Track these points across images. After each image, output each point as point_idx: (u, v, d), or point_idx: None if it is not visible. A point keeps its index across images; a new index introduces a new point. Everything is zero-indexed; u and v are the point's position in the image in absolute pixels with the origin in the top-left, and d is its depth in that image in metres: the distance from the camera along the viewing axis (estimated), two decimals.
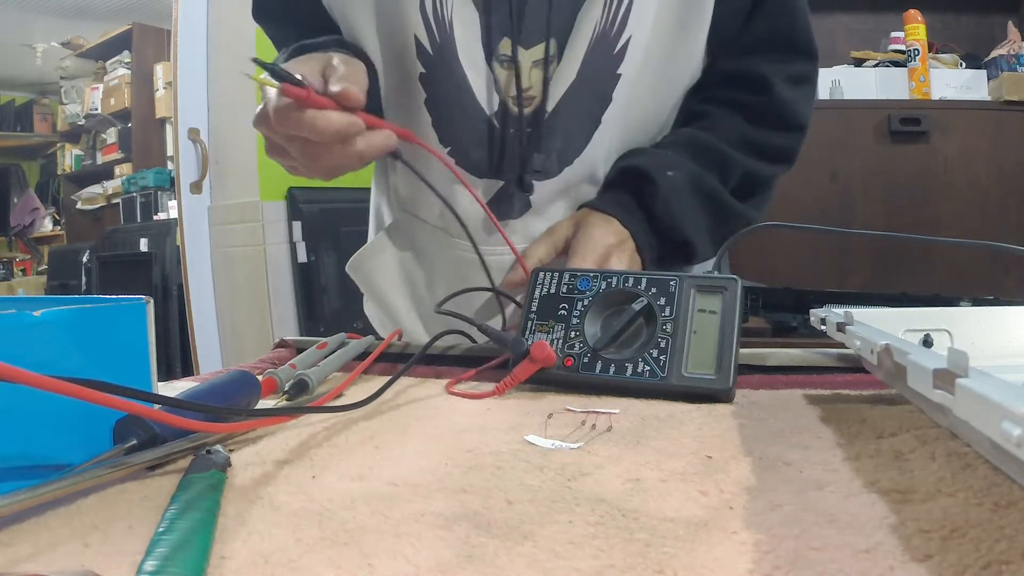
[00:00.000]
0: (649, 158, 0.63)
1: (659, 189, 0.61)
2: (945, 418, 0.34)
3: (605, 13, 0.59)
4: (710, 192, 0.63)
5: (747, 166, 0.65)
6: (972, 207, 1.91)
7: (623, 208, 0.62)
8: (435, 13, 0.59)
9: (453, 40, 0.60)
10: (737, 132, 0.65)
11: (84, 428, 0.32)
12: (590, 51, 0.60)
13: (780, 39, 0.66)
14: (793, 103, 0.66)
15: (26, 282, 4.50)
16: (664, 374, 0.45)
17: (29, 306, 0.31)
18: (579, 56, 0.60)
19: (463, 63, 0.61)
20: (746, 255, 1.76)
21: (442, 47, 0.60)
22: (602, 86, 0.62)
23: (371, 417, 0.42)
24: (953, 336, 0.44)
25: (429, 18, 0.59)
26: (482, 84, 0.62)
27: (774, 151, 0.67)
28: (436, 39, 0.60)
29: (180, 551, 0.23)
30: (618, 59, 0.61)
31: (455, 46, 0.60)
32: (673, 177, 0.61)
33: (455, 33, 0.60)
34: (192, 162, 2.41)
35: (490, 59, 0.61)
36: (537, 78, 0.61)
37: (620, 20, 0.59)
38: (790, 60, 0.66)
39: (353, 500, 0.28)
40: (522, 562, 0.22)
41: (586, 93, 0.62)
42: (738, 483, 0.29)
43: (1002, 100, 1.93)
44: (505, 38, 0.60)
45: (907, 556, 0.21)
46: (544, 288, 0.51)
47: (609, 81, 0.62)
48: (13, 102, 5.15)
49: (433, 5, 0.59)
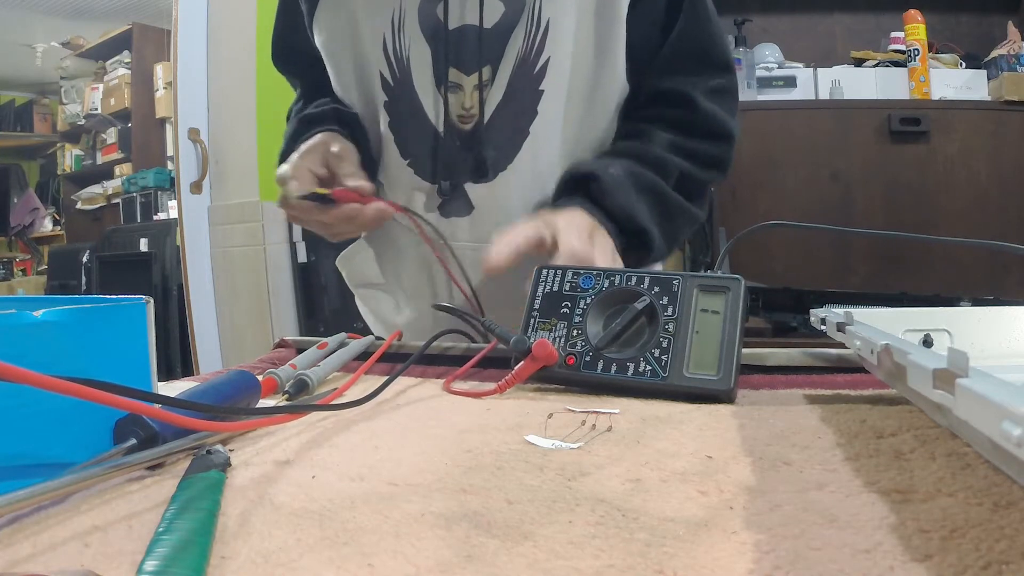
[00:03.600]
0: (589, 163, 0.71)
1: (603, 184, 0.66)
2: (945, 418, 0.34)
3: (526, 41, 0.69)
4: (652, 187, 0.69)
5: (682, 168, 0.71)
6: (972, 207, 1.91)
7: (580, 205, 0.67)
8: (395, 51, 0.72)
9: (410, 72, 0.71)
10: (669, 142, 0.72)
11: (84, 428, 0.32)
12: (514, 72, 0.70)
13: (697, 55, 0.73)
14: (716, 115, 0.73)
15: (26, 282, 4.50)
16: (666, 374, 0.45)
17: (29, 306, 0.31)
18: (506, 77, 0.70)
19: (417, 91, 0.72)
20: (746, 255, 1.77)
21: (401, 80, 0.72)
22: (528, 101, 0.71)
23: (371, 417, 0.42)
24: (953, 336, 0.44)
25: (390, 55, 0.72)
26: (431, 106, 0.72)
27: (706, 158, 0.74)
28: (396, 73, 0.72)
29: (180, 551, 0.23)
30: (539, 77, 0.70)
31: (411, 77, 0.72)
32: (615, 174, 0.67)
33: (411, 66, 0.71)
34: (192, 162, 2.41)
35: (439, 85, 0.71)
36: (476, 99, 0.71)
37: (538, 44, 0.69)
38: (709, 74, 0.74)
39: (353, 500, 0.28)
40: (522, 562, 0.22)
41: (514, 108, 0.71)
42: (738, 483, 0.29)
43: (1002, 100, 1.93)
44: (452, 68, 0.71)
45: (907, 556, 0.21)
46: (547, 286, 0.51)
47: (533, 96, 0.71)
48: (13, 102, 5.15)
49: (394, 44, 0.71)
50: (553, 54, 0.69)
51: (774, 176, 1.88)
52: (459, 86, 0.71)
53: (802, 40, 2.20)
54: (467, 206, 0.75)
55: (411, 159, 0.75)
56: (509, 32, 0.69)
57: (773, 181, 1.87)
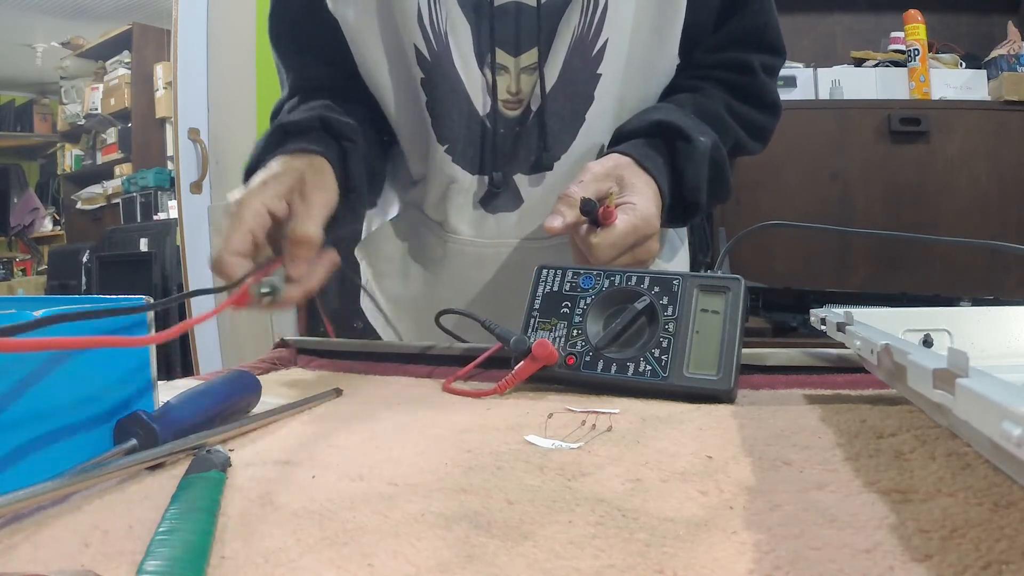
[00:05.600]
0: (682, 116, 0.65)
1: (694, 150, 0.62)
2: (945, 418, 0.34)
3: (582, 20, 0.64)
4: (721, 163, 0.66)
5: (737, 136, 0.69)
6: (972, 207, 1.91)
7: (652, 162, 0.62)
8: (432, 24, 0.64)
9: (449, 48, 0.65)
10: (727, 104, 0.70)
11: (84, 428, 0.32)
12: (569, 54, 0.65)
13: (756, 37, 0.71)
14: (769, 85, 0.72)
15: (26, 282, 4.49)
16: (666, 374, 0.45)
17: (29, 306, 0.31)
18: (560, 59, 0.65)
19: (459, 68, 0.65)
20: (746, 255, 1.77)
21: (439, 55, 0.65)
22: (583, 86, 0.66)
23: (371, 417, 0.42)
24: (953, 336, 0.44)
25: (427, 28, 0.64)
26: (476, 88, 0.66)
27: (755, 128, 0.72)
28: (433, 47, 0.65)
29: (180, 551, 0.23)
30: (597, 60, 0.65)
31: (451, 54, 0.65)
32: (704, 143, 0.63)
33: (450, 42, 0.65)
34: (192, 162, 2.41)
35: (482, 66, 0.66)
36: (526, 82, 0.66)
37: (596, 25, 0.64)
38: (765, 53, 0.72)
39: (353, 500, 0.28)
40: (522, 562, 0.22)
41: (568, 93, 0.66)
42: (738, 483, 0.29)
43: (1002, 100, 1.93)
44: (497, 47, 0.65)
45: (907, 556, 0.21)
46: (547, 286, 0.51)
47: (590, 81, 0.66)
48: (13, 102, 5.15)
49: (430, 16, 0.64)
50: (611, 36, 0.65)
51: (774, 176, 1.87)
52: (504, 68, 0.66)
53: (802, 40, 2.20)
54: (515, 200, 0.70)
55: (449, 145, 0.68)
56: (561, 12, 0.65)
57: (773, 181, 1.87)
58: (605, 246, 0.55)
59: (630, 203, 0.57)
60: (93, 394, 0.33)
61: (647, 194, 0.59)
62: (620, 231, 0.55)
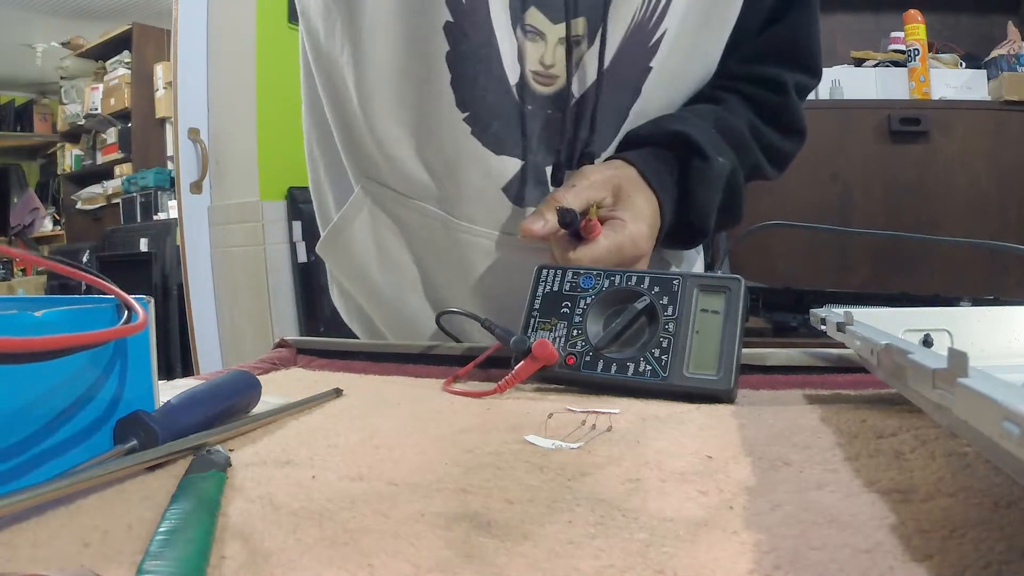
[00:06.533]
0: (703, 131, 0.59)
1: (711, 172, 0.57)
2: (945, 418, 0.34)
3: (645, 4, 0.57)
4: (737, 188, 0.61)
5: (757, 160, 0.64)
6: (972, 207, 1.91)
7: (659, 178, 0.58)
8: None
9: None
10: (751, 123, 0.64)
11: (84, 428, 0.32)
12: (626, 40, 0.57)
13: (795, 51, 0.66)
14: (798, 108, 0.67)
15: (26, 282, 4.49)
16: (666, 374, 0.45)
17: (29, 306, 0.31)
18: (615, 43, 0.57)
19: (493, 22, 0.56)
20: (746, 255, 1.77)
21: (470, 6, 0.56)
22: (634, 78, 0.60)
23: (371, 417, 0.42)
24: (953, 336, 0.44)
25: None
26: (508, 50, 0.57)
27: (778, 154, 0.67)
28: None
29: (180, 551, 0.23)
30: (651, 52, 0.58)
31: (487, 2, 0.56)
32: (723, 164, 0.58)
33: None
34: (192, 162, 2.41)
35: (515, 25, 0.57)
36: (561, 57, 0.57)
37: (659, 13, 0.57)
38: (800, 71, 0.67)
39: (353, 500, 0.28)
40: (522, 562, 0.22)
41: (618, 84, 0.59)
42: (738, 483, 0.29)
43: (1002, 100, 1.93)
44: (533, 7, 0.57)
45: (907, 556, 0.21)
46: (547, 285, 0.51)
47: (641, 75, 0.59)
48: (13, 102, 5.15)
49: None
50: (670, 28, 0.58)
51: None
52: (539, 33, 0.57)
53: None
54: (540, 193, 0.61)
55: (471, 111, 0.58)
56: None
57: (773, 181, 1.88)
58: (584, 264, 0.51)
59: (620, 220, 0.54)
60: (93, 394, 0.33)
61: (643, 213, 0.55)
62: (602, 249, 0.52)
